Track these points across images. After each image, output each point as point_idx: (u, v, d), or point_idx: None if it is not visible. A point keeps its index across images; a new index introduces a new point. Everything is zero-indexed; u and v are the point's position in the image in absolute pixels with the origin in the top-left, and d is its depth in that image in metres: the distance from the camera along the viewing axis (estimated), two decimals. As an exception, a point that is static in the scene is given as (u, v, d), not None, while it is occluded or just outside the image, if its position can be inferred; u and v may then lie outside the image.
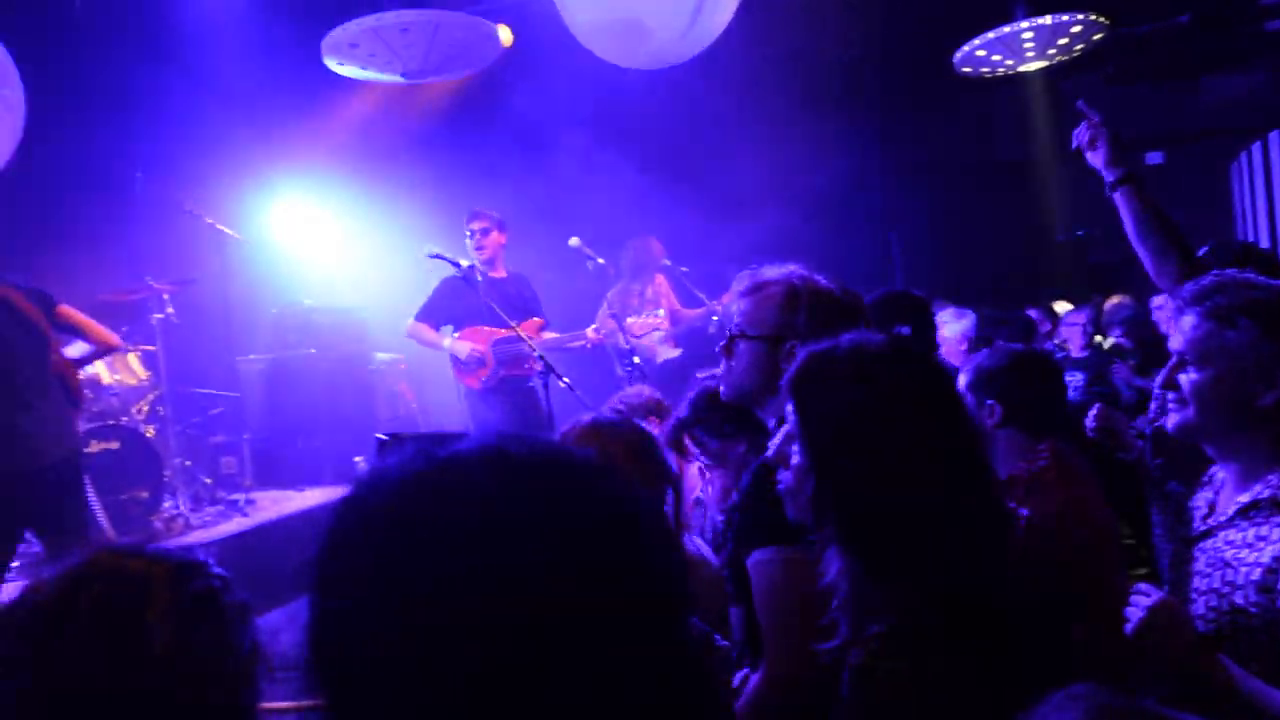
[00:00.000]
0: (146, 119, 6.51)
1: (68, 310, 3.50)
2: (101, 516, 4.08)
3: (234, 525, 5.25)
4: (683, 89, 6.16)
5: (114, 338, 3.59)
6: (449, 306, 5.03)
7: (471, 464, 0.55)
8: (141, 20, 6.48)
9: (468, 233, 5.04)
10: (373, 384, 6.88)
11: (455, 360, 4.99)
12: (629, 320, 5.05)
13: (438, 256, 4.47)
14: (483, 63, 6.01)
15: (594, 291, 5.63)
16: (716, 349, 1.75)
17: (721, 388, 1.77)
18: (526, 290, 5.21)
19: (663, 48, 5.21)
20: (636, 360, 4.78)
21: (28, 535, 3.49)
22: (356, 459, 6.36)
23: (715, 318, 5.90)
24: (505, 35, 6.12)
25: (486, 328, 4.91)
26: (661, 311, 5.41)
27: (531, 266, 6.32)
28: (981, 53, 5.39)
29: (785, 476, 1.30)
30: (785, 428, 1.31)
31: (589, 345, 5.08)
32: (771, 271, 1.67)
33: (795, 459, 1.26)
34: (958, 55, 5.49)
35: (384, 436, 1.29)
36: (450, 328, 5.13)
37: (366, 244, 7.28)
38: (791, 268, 1.65)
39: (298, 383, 6.59)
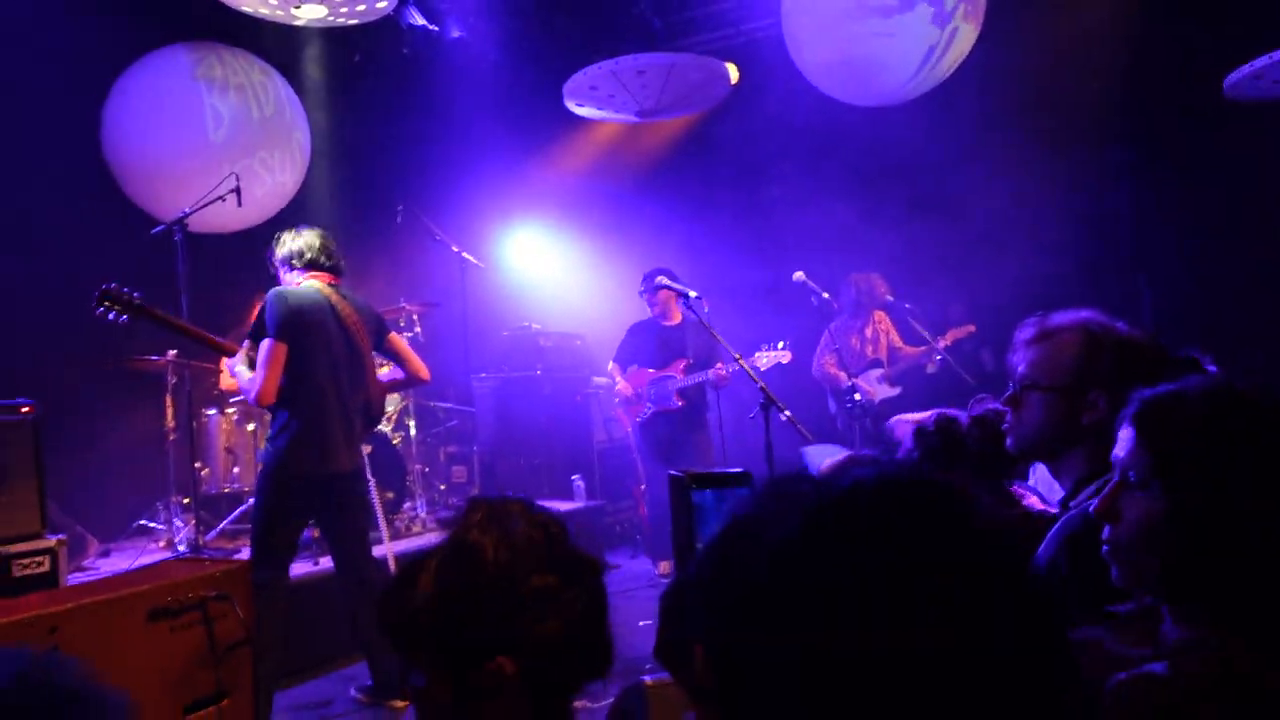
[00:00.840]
0: (407, 158, 7.24)
1: (396, 339, 3.88)
2: (381, 518, 4.48)
3: (463, 531, 5.62)
4: (913, 123, 6.04)
5: (425, 371, 3.86)
6: (630, 350, 5.76)
7: (877, 493, 0.59)
8: (404, 71, 7.21)
9: (640, 291, 5.65)
10: (590, 407, 7.19)
11: (623, 398, 5.74)
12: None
13: (666, 287, 4.66)
14: (712, 101, 6.20)
15: (818, 326, 5.63)
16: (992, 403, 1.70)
17: (1009, 440, 1.69)
18: (691, 335, 5.52)
19: (895, 86, 5.16)
20: (858, 398, 4.72)
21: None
22: (574, 477, 6.68)
23: (937, 357, 5.73)
24: (733, 73, 6.30)
25: (651, 370, 5.62)
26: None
27: (750, 299, 6.42)
28: (1259, 78, 4.91)
29: (1118, 533, 1.15)
30: (1111, 478, 1.18)
31: (722, 382, 5.29)
32: (1061, 318, 1.61)
33: (1133, 512, 1.13)
34: (1229, 80, 5.05)
35: (678, 474, 1.40)
36: (635, 367, 5.75)
37: (591, 273, 7.66)
38: (1084, 313, 1.59)
39: (523, 401, 7.02)
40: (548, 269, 8.02)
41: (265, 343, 3.35)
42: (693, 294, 4.34)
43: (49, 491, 3.81)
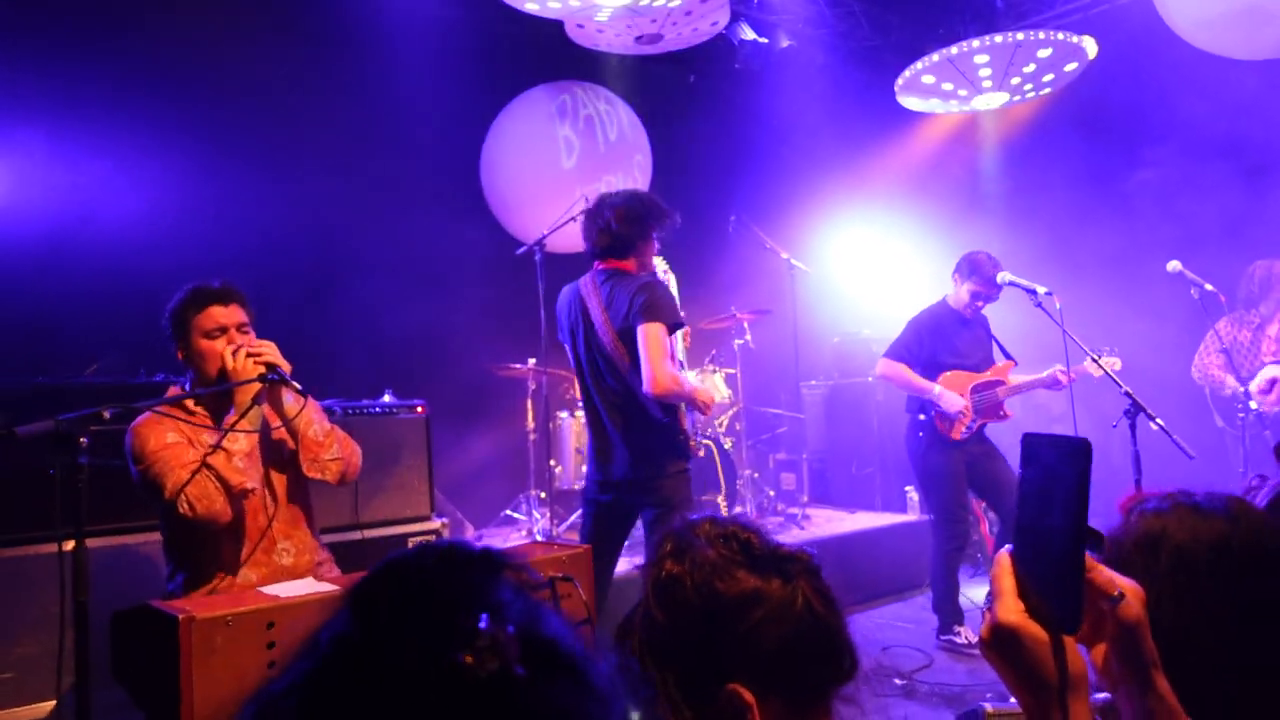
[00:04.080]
0: (740, 169, 7.43)
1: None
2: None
3: (791, 536, 5.61)
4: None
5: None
6: (930, 346, 4.59)
7: None
8: (736, 85, 7.42)
9: (956, 277, 4.60)
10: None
11: (938, 409, 4.51)
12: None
13: (1012, 284, 4.27)
14: (1065, 79, 5.63)
15: (1196, 324, 4.87)
16: None
17: None
18: (986, 331, 4.71)
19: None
20: (1253, 405, 3.99)
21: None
22: (906, 488, 6.39)
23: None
24: (1090, 47, 5.66)
25: (964, 371, 4.57)
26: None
27: (1112, 291, 5.73)
28: None
29: None
30: None
31: (1063, 386, 4.44)
32: None
33: None
34: None
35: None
36: (950, 372, 4.63)
37: (924, 277, 7.31)
38: None
39: (853, 409, 6.86)
40: (879, 273, 7.77)
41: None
42: (1042, 290, 3.94)
43: (435, 481, 4.42)
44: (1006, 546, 0.87)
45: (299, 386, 2.56)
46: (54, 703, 2.27)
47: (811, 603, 1.08)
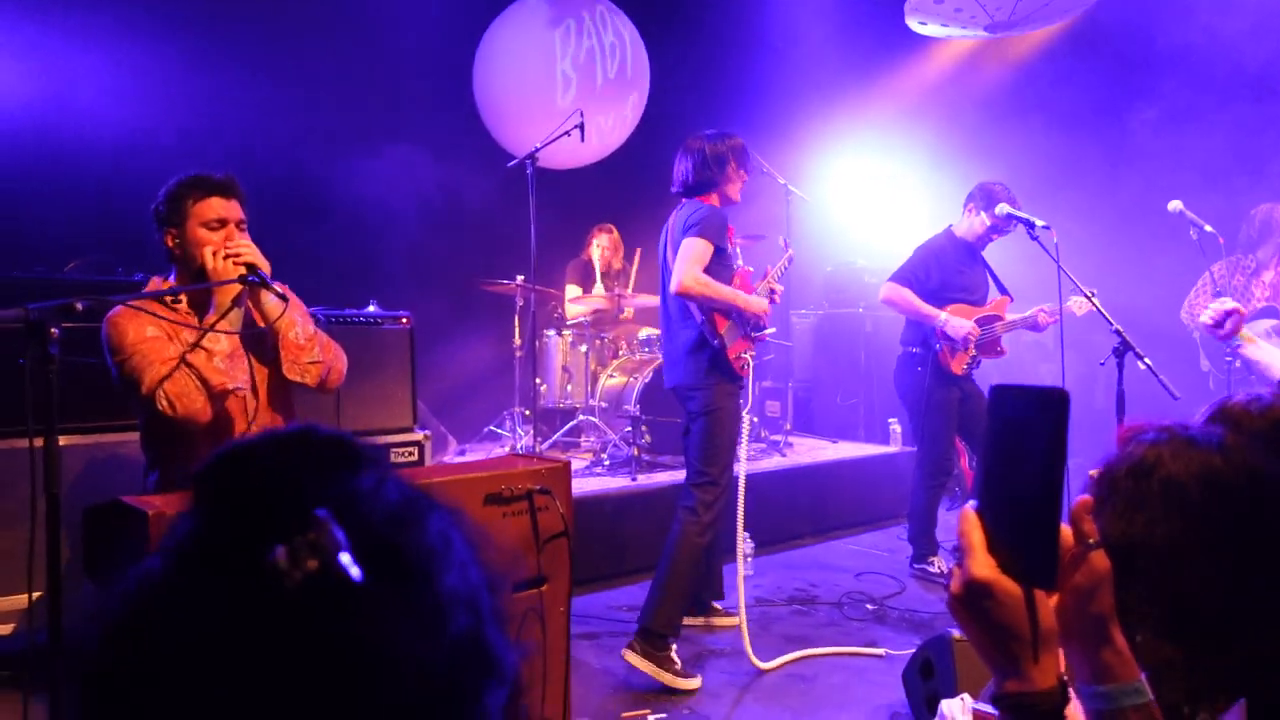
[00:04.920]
0: (741, 90, 7.23)
1: None
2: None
3: (773, 463, 5.66)
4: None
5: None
6: (939, 276, 4.52)
7: None
8: (739, 4, 7.18)
9: (971, 208, 4.53)
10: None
11: (944, 338, 4.44)
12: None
13: (1010, 216, 4.21)
14: (1078, 8, 5.46)
15: (1193, 265, 4.83)
16: None
17: None
18: (986, 265, 4.68)
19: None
20: (1194, 337, 3.98)
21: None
22: (890, 420, 6.42)
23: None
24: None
25: (968, 305, 4.52)
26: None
27: (1113, 229, 5.68)
28: None
29: None
30: None
31: (1042, 328, 4.51)
32: None
33: None
34: None
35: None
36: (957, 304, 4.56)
37: (924, 209, 7.21)
38: None
39: (842, 340, 6.86)
40: (877, 204, 7.66)
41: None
42: (1040, 223, 3.88)
43: (419, 394, 4.39)
44: (971, 502, 0.85)
45: (280, 290, 2.51)
46: (26, 596, 2.27)
47: None
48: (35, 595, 2.10)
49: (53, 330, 1.94)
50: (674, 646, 3.33)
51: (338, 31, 5.49)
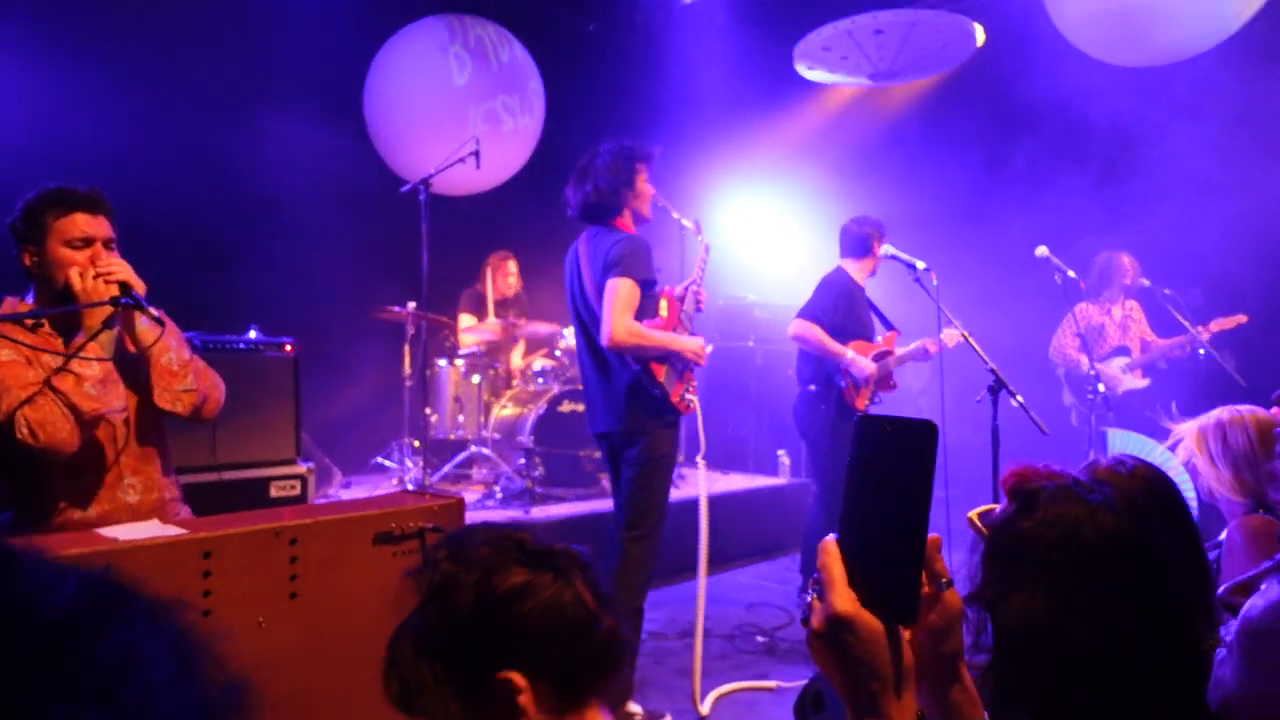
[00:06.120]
0: (636, 125, 7.31)
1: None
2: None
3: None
4: (1180, 83, 5.36)
5: None
6: (842, 313, 4.50)
7: None
8: (636, 38, 7.30)
9: (859, 247, 4.61)
10: (801, 382, 7.01)
11: (849, 375, 4.42)
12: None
13: (894, 257, 4.39)
14: (954, 62, 5.80)
15: (1058, 307, 5.15)
16: None
17: None
18: (869, 301, 4.75)
19: (1177, 40, 4.55)
20: (1102, 389, 4.26)
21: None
22: (779, 452, 6.56)
23: (1202, 351, 5.08)
24: (979, 34, 5.85)
25: (864, 341, 4.53)
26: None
27: (988, 274, 5.99)
28: None
29: None
30: None
31: (930, 356, 4.53)
32: None
33: None
34: None
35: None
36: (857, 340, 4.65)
37: (811, 246, 7.46)
38: None
39: (733, 372, 6.98)
40: (767, 240, 7.88)
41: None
42: (920, 265, 4.06)
43: (303, 424, 4.21)
44: (831, 535, 0.82)
45: (155, 312, 2.36)
46: None
47: (583, 596, 1.12)
48: None
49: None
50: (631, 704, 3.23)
51: (225, 39, 5.29)
